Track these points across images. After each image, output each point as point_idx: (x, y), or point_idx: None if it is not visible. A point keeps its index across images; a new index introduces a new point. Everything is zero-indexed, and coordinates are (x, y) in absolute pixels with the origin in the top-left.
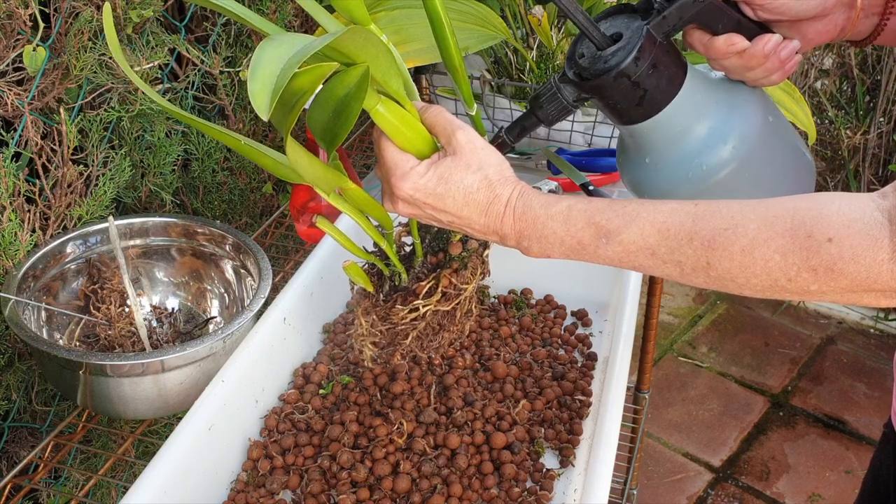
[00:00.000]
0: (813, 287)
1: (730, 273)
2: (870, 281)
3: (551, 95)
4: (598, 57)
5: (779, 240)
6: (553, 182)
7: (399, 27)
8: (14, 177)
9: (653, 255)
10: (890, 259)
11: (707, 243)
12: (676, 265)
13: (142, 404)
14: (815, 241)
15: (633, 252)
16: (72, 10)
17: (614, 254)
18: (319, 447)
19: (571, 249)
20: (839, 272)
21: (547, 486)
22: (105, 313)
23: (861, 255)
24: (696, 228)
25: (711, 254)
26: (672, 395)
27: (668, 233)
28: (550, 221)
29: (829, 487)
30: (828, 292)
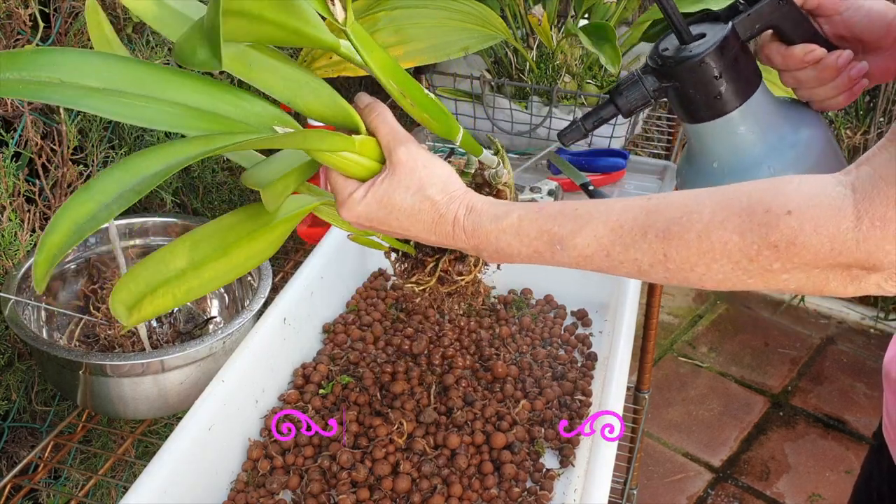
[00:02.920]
0: (776, 265)
1: (688, 262)
2: (834, 253)
3: (633, 84)
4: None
5: (735, 219)
6: (553, 182)
7: (399, 27)
8: (14, 177)
9: (608, 255)
10: (854, 227)
11: (662, 234)
12: (633, 263)
13: (142, 404)
14: (773, 216)
15: (589, 256)
16: (71, 9)
17: (571, 259)
18: (319, 447)
19: (529, 258)
20: (801, 245)
21: (547, 486)
22: (105, 313)
23: (823, 224)
24: (649, 221)
25: (668, 245)
26: (672, 395)
27: (621, 230)
28: (503, 235)
29: (829, 487)
30: (792, 271)
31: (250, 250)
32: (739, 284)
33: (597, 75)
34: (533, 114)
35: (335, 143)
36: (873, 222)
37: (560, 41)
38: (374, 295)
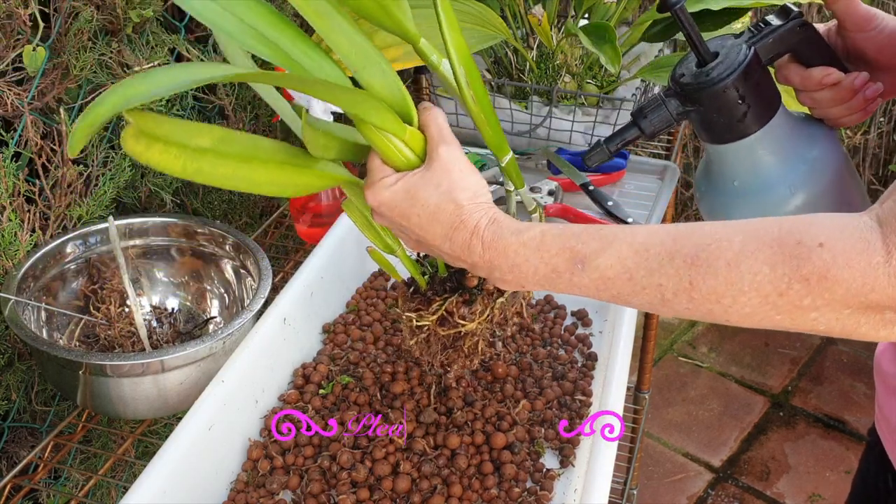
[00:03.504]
0: (806, 301)
1: (715, 292)
2: (867, 288)
3: (656, 107)
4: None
5: (767, 250)
6: (553, 182)
7: None
8: (14, 177)
9: (630, 279)
10: (885, 262)
11: (689, 260)
12: (657, 289)
13: (142, 404)
14: (805, 248)
15: (611, 278)
16: (71, 10)
17: (591, 281)
18: (319, 447)
19: (546, 278)
20: (833, 280)
21: (547, 487)
22: (105, 313)
23: (855, 258)
24: (676, 247)
25: (695, 272)
26: (672, 395)
27: (647, 253)
28: (523, 249)
29: (829, 487)
30: (822, 308)
31: (271, 175)
32: (766, 321)
33: (597, 75)
34: (533, 114)
35: (387, 119)
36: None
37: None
38: (374, 295)
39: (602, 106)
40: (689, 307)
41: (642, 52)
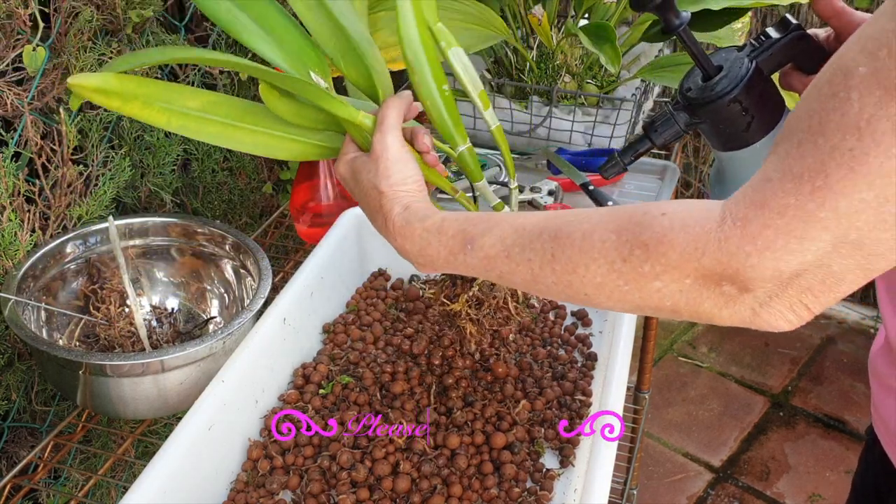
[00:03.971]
0: (646, 266)
1: (571, 261)
2: (698, 252)
3: (666, 121)
4: (705, 87)
5: (617, 221)
6: (553, 182)
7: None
8: (14, 177)
9: (508, 256)
10: (718, 227)
11: (554, 234)
12: (528, 264)
13: (142, 404)
14: (649, 217)
15: (493, 256)
16: (71, 9)
17: (478, 261)
18: (319, 447)
19: (447, 261)
20: (668, 243)
21: (547, 487)
22: (105, 313)
23: (690, 223)
24: (546, 224)
25: (556, 244)
26: (672, 395)
27: (522, 230)
28: (426, 233)
29: (829, 487)
30: (663, 276)
31: (258, 139)
32: (617, 293)
33: (597, 75)
34: (533, 114)
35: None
36: (735, 222)
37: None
38: (374, 295)
39: (602, 106)
40: (554, 281)
41: (642, 52)
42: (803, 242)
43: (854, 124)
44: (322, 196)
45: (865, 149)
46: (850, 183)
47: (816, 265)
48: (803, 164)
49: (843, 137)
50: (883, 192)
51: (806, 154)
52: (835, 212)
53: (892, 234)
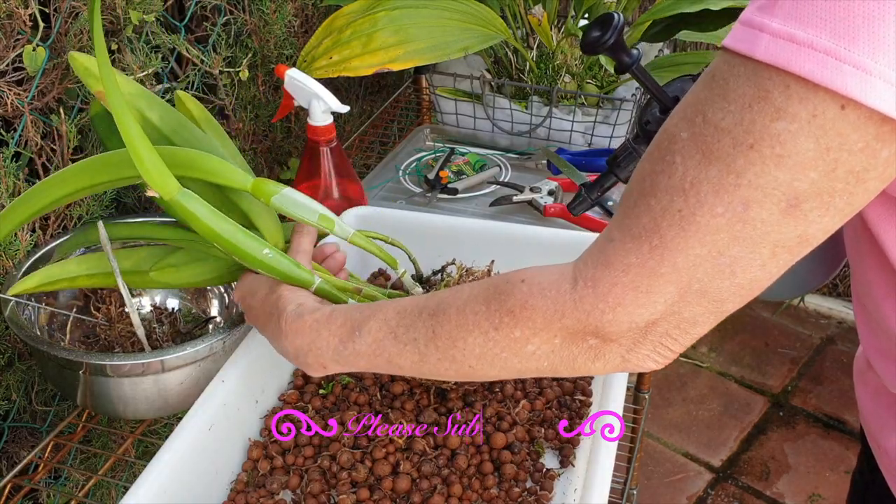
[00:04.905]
0: (517, 332)
1: (451, 336)
2: (558, 314)
3: (628, 155)
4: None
5: (484, 293)
6: (553, 182)
7: (399, 27)
8: (14, 177)
9: (395, 337)
10: (572, 289)
11: (432, 312)
12: (413, 344)
13: (142, 404)
14: (510, 285)
15: (380, 340)
16: (71, 9)
17: (367, 346)
18: (319, 447)
19: (336, 352)
20: (531, 308)
21: (547, 487)
22: (105, 314)
23: (547, 288)
24: (427, 303)
25: (435, 321)
26: (672, 395)
27: (405, 312)
28: (317, 325)
29: (829, 487)
30: (533, 340)
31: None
32: (498, 361)
33: (597, 75)
34: (533, 114)
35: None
36: (586, 282)
37: (560, 41)
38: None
39: (602, 106)
40: (439, 357)
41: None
42: (650, 296)
43: (679, 186)
44: (322, 196)
45: (692, 209)
46: (682, 241)
47: (668, 314)
48: (640, 224)
49: (672, 199)
50: (715, 247)
51: (641, 214)
52: (674, 267)
53: (730, 281)
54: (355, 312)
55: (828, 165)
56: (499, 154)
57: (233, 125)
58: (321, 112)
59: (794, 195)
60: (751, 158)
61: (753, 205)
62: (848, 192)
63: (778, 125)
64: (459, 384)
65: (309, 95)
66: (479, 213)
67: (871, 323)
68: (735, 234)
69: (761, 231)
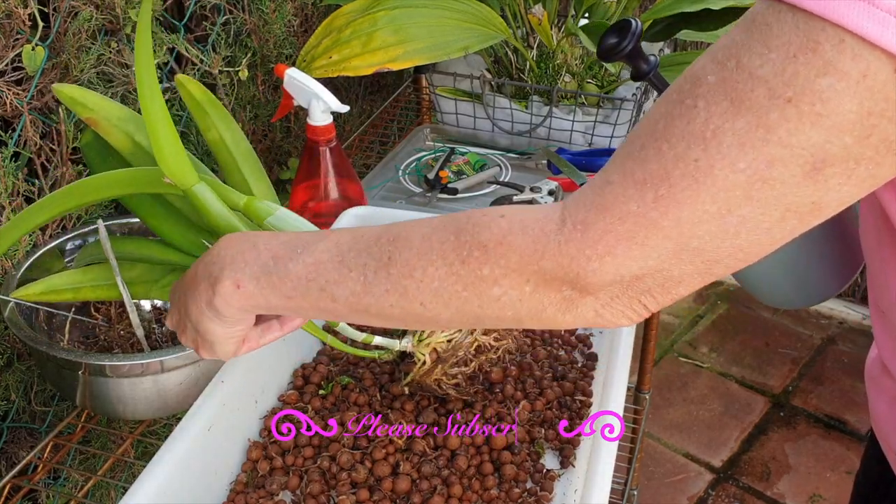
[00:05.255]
0: (486, 270)
1: (409, 265)
2: (538, 255)
3: None
4: None
5: (455, 223)
6: (553, 182)
7: (399, 27)
8: (13, 177)
9: (341, 261)
10: (558, 230)
11: (392, 238)
12: (360, 270)
13: (141, 404)
14: (487, 218)
15: (323, 262)
16: (71, 9)
17: (302, 267)
18: (319, 447)
19: (262, 267)
20: (508, 245)
21: (547, 487)
22: (105, 314)
23: (530, 225)
24: (388, 230)
25: (394, 247)
26: (672, 396)
27: (361, 237)
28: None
29: (829, 488)
30: (502, 281)
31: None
32: (455, 300)
33: (597, 75)
34: (533, 113)
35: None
36: (575, 225)
37: (560, 40)
38: None
39: (602, 106)
40: (387, 289)
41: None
42: (644, 249)
43: (699, 134)
44: (322, 196)
45: (710, 160)
46: (693, 194)
47: (657, 269)
48: (646, 169)
49: (688, 147)
50: (726, 204)
51: (649, 159)
52: (677, 221)
53: (731, 242)
54: (308, 235)
55: (864, 131)
56: (499, 154)
57: None
58: (321, 112)
59: (822, 158)
60: (786, 114)
61: (777, 163)
62: (875, 162)
63: (823, 81)
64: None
65: (308, 95)
66: None
67: (889, 327)
68: (751, 193)
69: (779, 192)
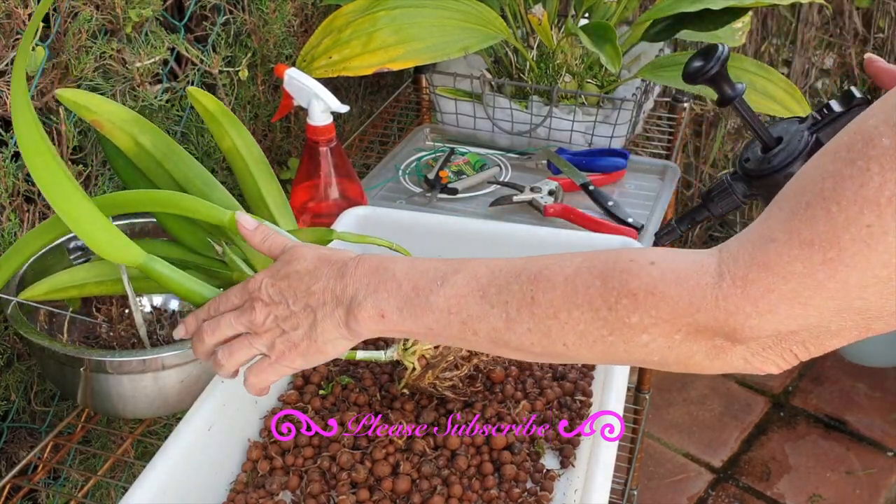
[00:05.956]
0: (634, 318)
1: (553, 306)
2: (693, 308)
3: (723, 191)
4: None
5: (602, 266)
6: (553, 182)
7: (399, 27)
8: (13, 177)
9: (483, 297)
10: (715, 284)
11: (533, 277)
12: (503, 307)
13: (141, 403)
14: (636, 265)
15: (464, 295)
16: (71, 9)
17: (444, 300)
18: (319, 447)
19: (405, 300)
20: (660, 295)
21: (547, 487)
22: (106, 314)
23: (684, 276)
24: (525, 266)
25: (536, 286)
26: (672, 396)
27: (498, 271)
28: (392, 264)
29: (829, 488)
30: (651, 329)
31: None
32: (600, 344)
33: (597, 75)
34: (533, 114)
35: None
36: (735, 281)
37: (560, 40)
38: None
39: (602, 106)
40: (530, 327)
41: (643, 51)
42: (807, 308)
43: (874, 199)
44: (322, 196)
45: (885, 227)
46: (864, 259)
47: (816, 325)
48: (814, 230)
49: (861, 211)
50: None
51: (817, 220)
52: (844, 284)
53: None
54: (442, 265)
55: None
56: (499, 154)
57: None
58: (321, 112)
59: None
60: None
61: None
62: None
63: None
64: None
65: (308, 95)
66: (479, 213)
67: None
68: None
69: None
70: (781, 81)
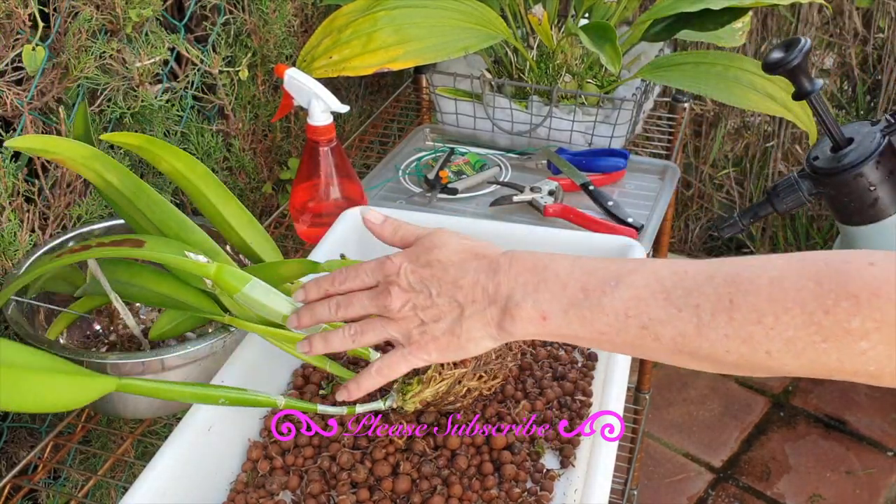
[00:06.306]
0: (855, 322)
1: (756, 310)
2: None
3: (789, 187)
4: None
5: (812, 267)
6: (553, 182)
7: (399, 27)
8: (13, 177)
9: (667, 299)
10: None
11: (730, 279)
12: (694, 311)
13: (141, 403)
14: (853, 266)
15: (644, 298)
16: (71, 9)
17: (620, 302)
18: (319, 447)
19: (573, 301)
20: (886, 297)
21: (547, 487)
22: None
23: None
24: (718, 267)
25: (735, 289)
26: (672, 396)
27: (685, 274)
28: (551, 262)
29: (829, 488)
30: (873, 335)
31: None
32: (810, 351)
33: (597, 75)
34: (533, 114)
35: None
36: None
37: (560, 40)
38: None
39: (602, 106)
40: (727, 333)
41: (643, 51)
42: None
43: None
44: (322, 196)
45: None
46: None
47: None
48: None
49: None
50: None
51: None
52: None
53: None
54: (612, 265)
55: None
56: (499, 154)
57: (232, 125)
58: (321, 112)
59: None
60: None
61: None
62: None
63: None
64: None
65: (308, 95)
66: (479, 213)
67: None
68: None
69: None
70: (782, 81)
